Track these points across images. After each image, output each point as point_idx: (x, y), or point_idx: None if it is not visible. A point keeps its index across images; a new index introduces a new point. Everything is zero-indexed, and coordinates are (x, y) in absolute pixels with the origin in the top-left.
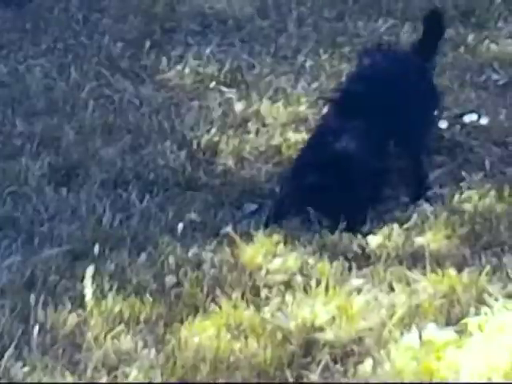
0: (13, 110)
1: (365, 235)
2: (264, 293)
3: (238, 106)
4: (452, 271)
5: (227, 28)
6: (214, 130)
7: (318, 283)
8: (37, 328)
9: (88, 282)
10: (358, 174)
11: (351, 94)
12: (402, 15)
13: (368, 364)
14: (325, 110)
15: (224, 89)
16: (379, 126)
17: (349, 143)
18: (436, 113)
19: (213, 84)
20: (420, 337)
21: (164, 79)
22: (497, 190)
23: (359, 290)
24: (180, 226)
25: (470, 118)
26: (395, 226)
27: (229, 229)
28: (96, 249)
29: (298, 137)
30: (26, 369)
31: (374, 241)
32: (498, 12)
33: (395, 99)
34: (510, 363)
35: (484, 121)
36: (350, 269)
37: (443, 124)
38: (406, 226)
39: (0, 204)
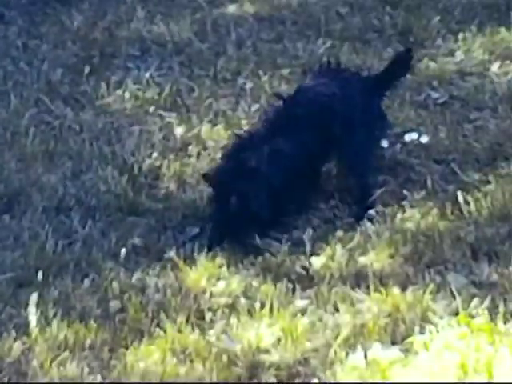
0: None
1: (308, 256)
2: (208, 316)
3: (179, 130)
4: (396, 290)
5: (166, 52)
6: (155, 155)
7: (263, 305)
8: None
9: (32, 309)
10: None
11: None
12: (341, 36)
13: None
14: (260, 125)
15: (164, 113)
16: (314, 145)
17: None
18: (382, 134)
19: (153, 108)
20: (365, 356)
21: (104, 104)
22: (439, 208)
23: (304, 312)
24: (123, 251)
25: (410, 137)
26: (338, 246)
27: (172, 253)
28: (39, 276)
29: None
30: None
31: (317, 261)
32: (436, 30)
33: (339, 119)
34: (456, 380)
35: (424, 139)
36: (293, 290)
37: (384, 143)
38: (349, 246)
39: None
